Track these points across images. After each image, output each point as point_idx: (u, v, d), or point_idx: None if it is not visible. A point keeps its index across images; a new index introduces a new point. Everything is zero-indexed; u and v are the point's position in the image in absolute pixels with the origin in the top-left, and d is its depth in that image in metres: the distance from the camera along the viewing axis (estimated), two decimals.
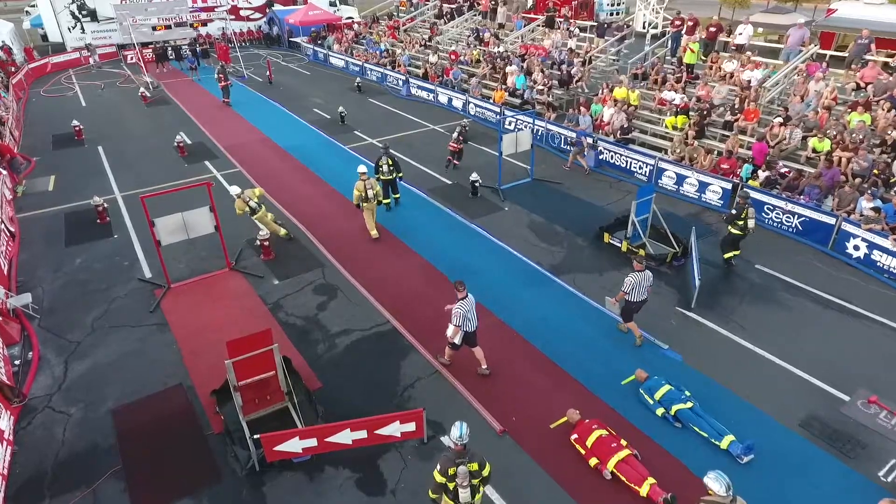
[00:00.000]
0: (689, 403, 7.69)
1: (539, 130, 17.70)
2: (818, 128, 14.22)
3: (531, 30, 26.81)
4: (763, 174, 13.55)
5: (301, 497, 6.88)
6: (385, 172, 13.33)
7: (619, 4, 39.90)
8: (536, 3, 34.00)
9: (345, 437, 7.04)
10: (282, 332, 9.60)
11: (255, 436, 6.90)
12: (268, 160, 17.64)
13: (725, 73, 17.81)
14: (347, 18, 39.11)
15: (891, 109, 13.72)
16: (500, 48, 24.54)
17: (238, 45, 33.81)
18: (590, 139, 16.31)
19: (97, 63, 33.32)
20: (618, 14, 38.95)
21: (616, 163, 16.09)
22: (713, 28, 19.11)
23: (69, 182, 16.06)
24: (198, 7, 34.91)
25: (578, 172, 16.20)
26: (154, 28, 28.79)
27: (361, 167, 12.21)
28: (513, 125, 18.75)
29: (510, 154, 14.93)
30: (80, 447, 7.53)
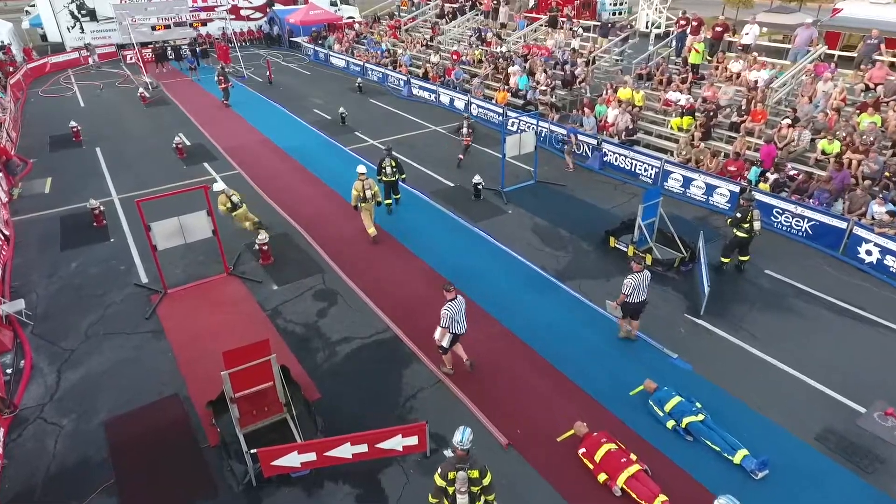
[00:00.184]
0: (701, 416, 7.44)
1: (542, 132, 17.44)
2: (827, 129, 13.97)
3: (534, 30, 26.55)
4: (771, 177, 13.31)
5: None
6: (388, 174, 13.21)
7: (622, 4, 39.69)
8: (539, 3, 33.76)
9: (345, 452, 6.83)
10: (280, 340, 9.37)
11: (252, 450, 6.68)
12: (267, 162, 17.40)
13: (732, 74, 17.54)
14: (348, 18, 38.92)
15: None
16: (503, 48, 24.29)
17: (238, 45, 33.58)
18: (574, 136, 16.39)
19: (96, 63, 33.12)
20: (620, 14, 38.75)
21: (620, 165, 15.84)
22: (719, 28, 18.80)
23: (66, 184, 15.84)
24: (198, 7, 34.70)
25: (581, 174, 15.96)
26: (153, 28, 28.60)
27: (360, 167, 12.09)
28: (515, 126, 18.49)
29: (513, 156, 14.69)
30: (72, 460, 7.30)
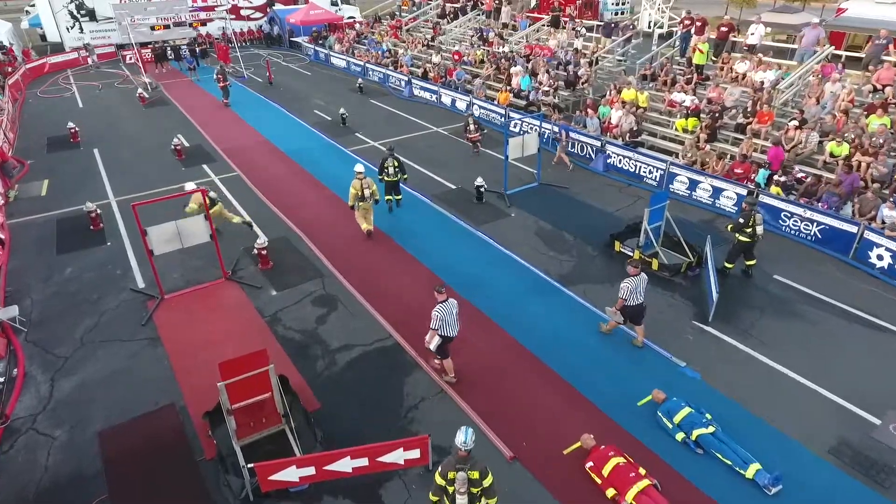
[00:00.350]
0: (712, 428, 7.23)
1: (545, 133, 17.22)
2: (835, 131, 13.74)
3: (536, 30, 26.35)
4: (776, 179, 13.07)
5: None
6: (391, 174, 13.15)
7: (624, 3, 39.42)
8: (540, 3, 33.51)
9: (345, 466, 6.64)
10: (279, 348, 9.16)
11: (250, 464, 6.47)
12: (267, 164, 17.19)
13: (737, 75, 17.31)
14: (349, 18, 38.73)
15: None
16: (505, 48, 24.07)
17: (238, 45, 33.37)
18: (565, 133, 16.46)
19: (95, 63, 32.93)
20: (622, 13, 38.49)
21: (625, 167, 15.62)
22: (724, 28, 18.58)
23: (63, 186, 15.64)
24: (198, 7, 34.51)
25: (585, 176, 15.74)
26: (153, 28, 28.42)
27: (358, 166, 11.97)
28: (518, 128, 18.28)
29: (516, 158, 14.48)
30: (65, 474, 7.08)
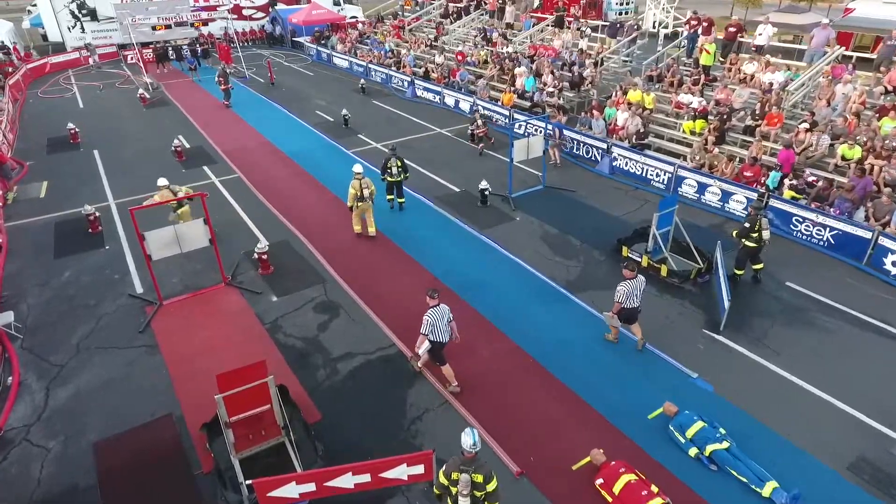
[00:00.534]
0: (726, 443, 6.99)
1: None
2: (847, 134, 13.48)
3: (540, 30, 26.08)
4: (788, 183, 12.83)
5: None
6: (394, 174, 13.13)
7: (628, 3, 39.13)
8: (544, 3, 33.23)
9: (346, 482, 6.38)
10: (279, 356, 8.94)
11: (248, 480, 6.25)
12: (268, 165, 16.98)
13: (745, 76, 17.04)
14: (351, 18, 38.50)
15: None
16: (509, 49, 23.83)
17: (240, 45, 33.17)
18: (558, 130, 16.38)
19: (97, 63, 32.75)
20: (627, 13, 38.20)
21: (631, 170, 15.36)
22: (733, 28, 18.30)
23: (62, 188, 15.43)
24: (199, 6, 34.32)
25: (591, 179, 15.50)
26: (154, 28, 28.24)
27: (357, 166, 11.88)
28: (523, 129, 18.04)
29: (521, 160, 14.24)
30: (58, 488, 6.87)
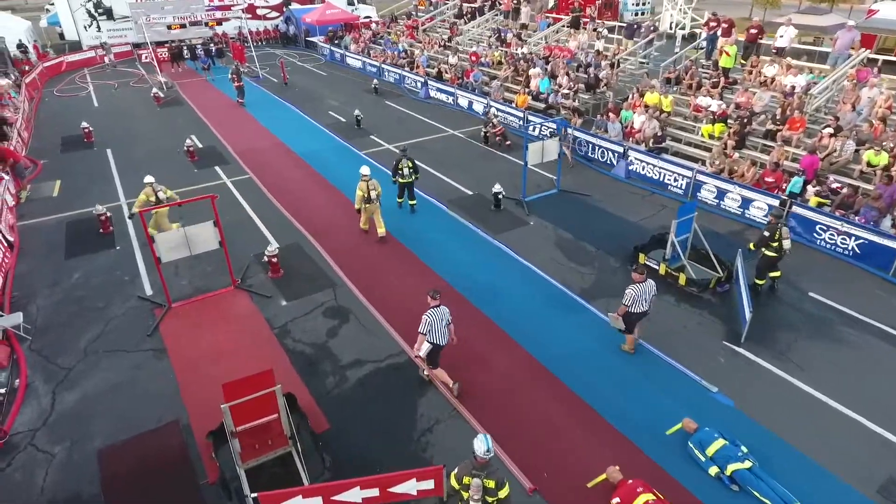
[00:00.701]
0: (748, 462, 6.71)
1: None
2: (872, 139, 13.08)
3: (556, 30, 25.78)
4: (811, 189, 12.47)
5: None
6: (405, 175, 13.12)
7: (645, 4, 38.69)
8: (559, 3, 32.91)
9: (354, 496, 6.22)
10: (288, 362, 8.79)
11: (254, 494, 6.09)
12: (280, 166, 16.88)
13: (766, 78, 16.64)
14: (365, 18, 38.41)
15: None
16: (524, 49, 23.56)
17: (254, 45, 33.21)
18: (564, 129, 15.96)
19: (112, 62, 32.98)
20: (643, 14, 37.76)
21: (648, 174, 15.04)
22: (754, 29, 17.89)
23: (75, 187, 15.43)
24: (214, 6, 34.41)
25: (607, 183, 15.20)
26: (169, 27, 28.34)
27: (364, 168, 11.90)
28: (537, 131, 17.77)
29: (535, 164, 13.98)
30: (62, 496, 6.75)
